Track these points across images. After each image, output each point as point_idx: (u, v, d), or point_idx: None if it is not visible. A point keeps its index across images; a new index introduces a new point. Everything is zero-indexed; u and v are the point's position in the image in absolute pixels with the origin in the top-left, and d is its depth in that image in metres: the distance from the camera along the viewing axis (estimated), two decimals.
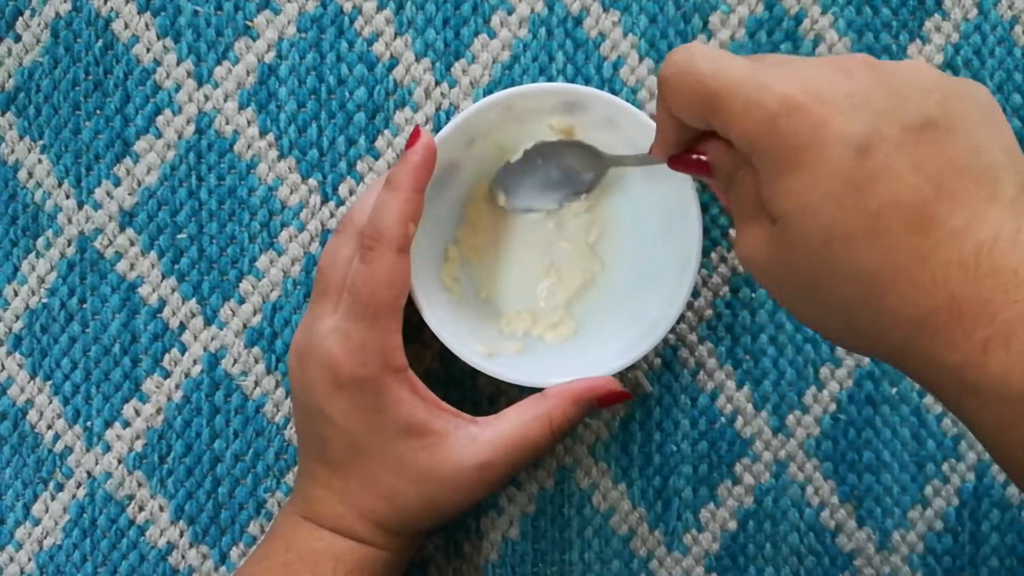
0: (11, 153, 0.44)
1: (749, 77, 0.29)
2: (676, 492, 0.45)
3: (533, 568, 0.45)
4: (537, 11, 0.44)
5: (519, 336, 0.42)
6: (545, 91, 0.40)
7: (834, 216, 0.28)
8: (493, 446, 0.38)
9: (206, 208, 0.44)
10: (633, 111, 0.39)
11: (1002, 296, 0.27)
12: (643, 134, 0.39)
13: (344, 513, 0.39)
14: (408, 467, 0.38)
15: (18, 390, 0.44)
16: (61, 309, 0.44)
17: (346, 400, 0.37)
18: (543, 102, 0.40)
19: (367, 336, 0.37)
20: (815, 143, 0.28)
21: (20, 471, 0.44)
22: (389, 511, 0.38)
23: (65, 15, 0.44)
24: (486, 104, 0.39)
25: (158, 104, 0.44)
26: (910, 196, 0.28)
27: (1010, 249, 0.27)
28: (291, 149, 0.44)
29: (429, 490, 0.38)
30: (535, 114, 0.40)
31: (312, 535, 0.39)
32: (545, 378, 0.40)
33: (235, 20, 0.44)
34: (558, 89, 0.40)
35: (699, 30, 0.44)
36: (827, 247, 0.28)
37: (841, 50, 0.44)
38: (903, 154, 0.28)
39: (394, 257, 0.37)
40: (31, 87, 0.44)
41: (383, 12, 0.44)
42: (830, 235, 0.28)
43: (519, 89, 0.40)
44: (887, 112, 0.28)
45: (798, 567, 0.45)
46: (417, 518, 0.39)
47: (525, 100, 0.40)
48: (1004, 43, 0.44)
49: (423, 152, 0.38)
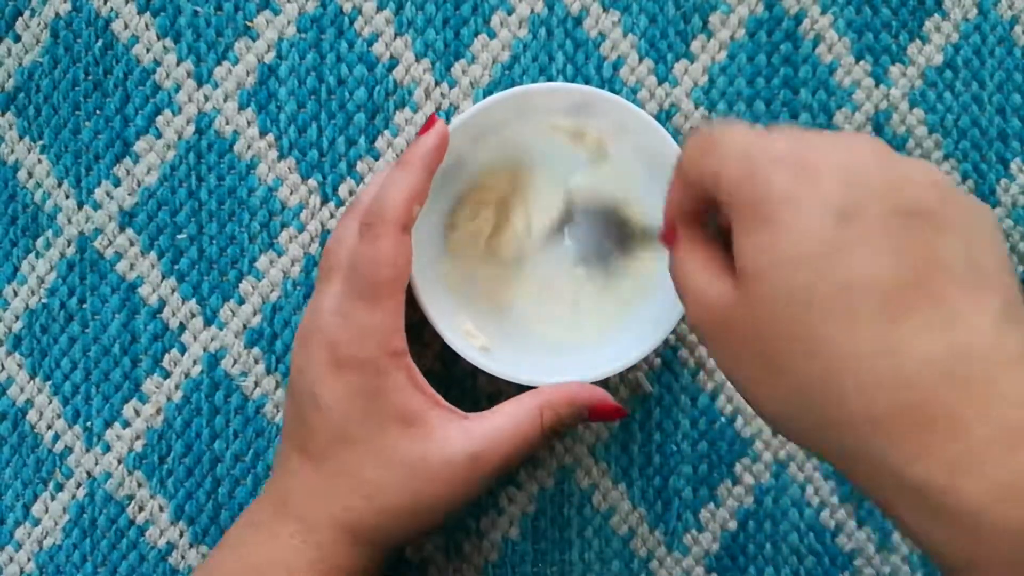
0: (11, 153, 0.44)
1: (750, 129, 0.29)
2: (676, 492, 0.45)
3: (533, 568, 0.45)
4: (537, 11, 0.44)
5: (518, 333, 0.42)
6: (557, 91, 0.40)
7: (803, 281, 0.26)
8: (485, 439, 0.37)
9: (206, 208, 0.44)
10: (645, 117, 0.39)
11: (974, 410, 0.25)
12: (653, 140, 0.39)
13: (315, 511, 0.37)
14: (396, 458, 0.36)
15: (18, 390, 0.44)
16: (61, 309, 0.44)
17: (342, 382, 0.36)
18: (554, 102, 0.40)
19: (367, 316, 0.36)
20: (795, 199, 0.27)
21: (20, 471, 0.44)
22: (366, 511, 0.37)
23: (65, 15, 0.44)
24: (496, 100, 0.39)
25: (158, 104, 0.44)
26: (885, 278, 0.26)
27: (987, 361, 0.25)
28: (291, 149, 0.44)
29: (415, 485, 0.36)
30: (546, 113, 0.40)
31: (267, 545, 0.37)
32: (544, 377, 0.40)
33: (235, 20, 0.44)
34: (570, 89, 0.40)
35: (699, 30, 0.44)
36: (791, 313, 0.27)
37: (841, 50, 0.44)
38: (886, 234, 0.26)
39: (396, 236, 0.36)
40: (31, 87, 0.44)
41: (383, 12, 0.44)
42: (796, 300, 0.26)
43: (531, 87, 0.40)
44: (880, 190, 0.27)
45: (798, 567, 0.45)
46: (394, 521, 0.37)
47: (536, 98, 0.40)
48: (1004, 43, 0.44)
49: (436, 137, 0.37)
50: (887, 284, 0.26)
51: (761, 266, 0.27)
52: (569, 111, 0.40)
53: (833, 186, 0.27)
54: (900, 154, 0.28)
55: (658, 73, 0.44)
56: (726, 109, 0.44)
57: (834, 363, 0.26)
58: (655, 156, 0.40)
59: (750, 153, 0.28)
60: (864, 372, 0.26)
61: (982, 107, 0.44)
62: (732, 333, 0.29)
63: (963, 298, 0.26)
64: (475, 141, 0.40)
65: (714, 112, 0.44)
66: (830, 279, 0.26)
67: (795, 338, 0.27)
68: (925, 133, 0.44)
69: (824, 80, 0.44)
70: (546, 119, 0.41)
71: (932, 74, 0.44)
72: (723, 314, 0.29)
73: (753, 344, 0.28)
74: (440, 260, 0.42)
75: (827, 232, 0.26)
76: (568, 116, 0.40)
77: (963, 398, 0.25)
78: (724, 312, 0.29)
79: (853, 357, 0.26)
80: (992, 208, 0.44)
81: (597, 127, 0.40)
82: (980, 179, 0.44)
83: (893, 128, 0.44)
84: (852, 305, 0.26)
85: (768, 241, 0.27)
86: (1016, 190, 0.44)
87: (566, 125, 0.41)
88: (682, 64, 0.44)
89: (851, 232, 0.26)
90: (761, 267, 0.27)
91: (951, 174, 0.44)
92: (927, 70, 0.44)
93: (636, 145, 0.40)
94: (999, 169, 0.44)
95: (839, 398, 0.26)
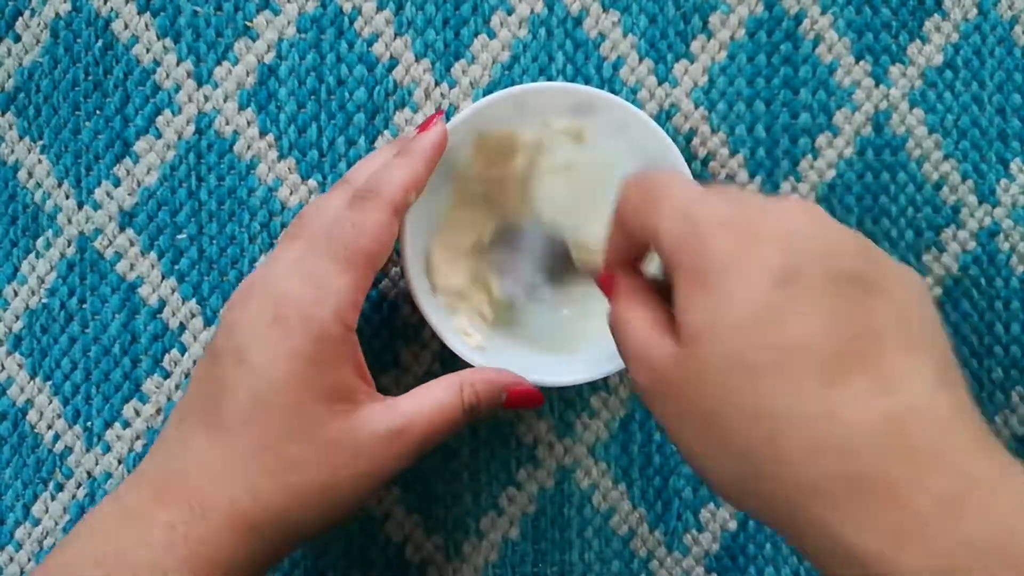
0: (11, 153, 0.44)
1: (690, 187, 0.29)
2: (676, 492, 0.45)
3: (533, 568, 0.45)
4: (537, 11, 0.44)
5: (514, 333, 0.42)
6: (558, 90, 0.40)
7: (743, 343, 0.27)
8: (407, 415, 0.35)
9: (206, 208, 0.44)
10: (645, 119, 0.39)
11: (914, 479, 0.25)
12: (653, 142, 0.39)
13: (212, 494, 0.33)
14: (318, 434, 0.34)
15: (18, 390, 0.44)
16: (61, 309, 0.44)
17: (281, 341, 0.34)
18: (555, 101, 0.40)
19: (333, 278, 0.35)
20: (736, 264, 0.27)
21: (20, 471, 0.44)
22: (274, 492, 0.34)
23: (65, 15, 0.44)
24: (498, 98, 0.39)
25: (158, 104, 0.44)
26: (822, 342, 0.26)
27: (923, 428, 0.25)
28: (291, 150, 0.44)
29: (336, 460, 0.34)
30: (546, 112, 0.40)
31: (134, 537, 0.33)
32: (540, 376, 0.40)
33: (235, 20, 0.44)
34: (571, 89, 0.40)
35: (699, 30, 0.44)
36: (735, 376, 0.27)
37: (841, 50, 0.44)
38: (824, 299, 0.27)
39: (386, 214, 0.36)
40: (31, 87, 0.44)
41: (383, 12, 0.44)
42: (737, 363, 0.27)
43: (532, 86, 0.40)
44: (819, 256, 0.27)
45: (798, 567, 0.45)
46: (301, 506, 0.34)
47: (538, 97, 0.40)
48: (1004, 43, 0.44)
49: (437, 135, 0.38)
50: (826, 348, 0.26)
51: (704, 329, 0.27)
52: (572, 111, 0.40)
53: (773, 251, 0.27)
54: (833, 220, 0.29)
55: (658, 73, 0.44)
56: (726, 109, 0.44)
57: (777, 426, 0.26)
58: (655, 158, 0.40)
59: (691, 214, 0.28)
60: (806, 437, 0.26)
61: (982, 107, 0.44)
62: (676, 396, 0.29)
63: (898, 363, 0.26)
64: (476, 139, 0.40)
65: (714, 112, 0.44)
66: (772, 343, 0.26)
67: (740, 401, 0.27)
68: (925, 133, 0.44)
69: (824, 80, 0.44)
70: (548, 118, 0.41)
71: (932, 74, 0.44)
72: (666, 376, 0.29)
73: (697, 408, 0.28)
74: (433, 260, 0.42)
75: (768, 297, 0.27)
76: (570, 117, 0.40)
77: (902, 467, 0.25)
78: (667, 374, 0.29)
79: (795, 420, 0.26)
80: (992, 208, 0.44)
81: (597, 127, 0.40)
82: (980, 179, 0.44)
83: (893, 128, 0.44)
84: (793, 368, 0.26)
85: (711, 305, 0.27)
86: (1016, 190, 0.44)
87: (566, 127, 0.41)
88: (682, 64, 0.44)
89: (791, 297, 0.27)
90: (704, 330, 0.27)
91: (951, 174, 0.44)
92: (927, 70, 0.44)
93: (636, 146, 0.40)
94: (999, 169, 0.44)
95: (783, 463, 0.26)
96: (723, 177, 0.44)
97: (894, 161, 0.44)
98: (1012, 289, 0.44)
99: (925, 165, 0.44)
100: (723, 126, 0.44)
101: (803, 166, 0.44)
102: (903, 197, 0.44)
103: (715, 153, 0.44)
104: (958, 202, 0.44)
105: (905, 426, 0.25)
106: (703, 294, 0.28)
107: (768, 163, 0.44)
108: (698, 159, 0.44)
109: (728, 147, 0.44)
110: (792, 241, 0.27)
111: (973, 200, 0.44)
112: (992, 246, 0.44)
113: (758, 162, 0.44)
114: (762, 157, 0.44)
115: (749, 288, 0.27)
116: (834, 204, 0.44)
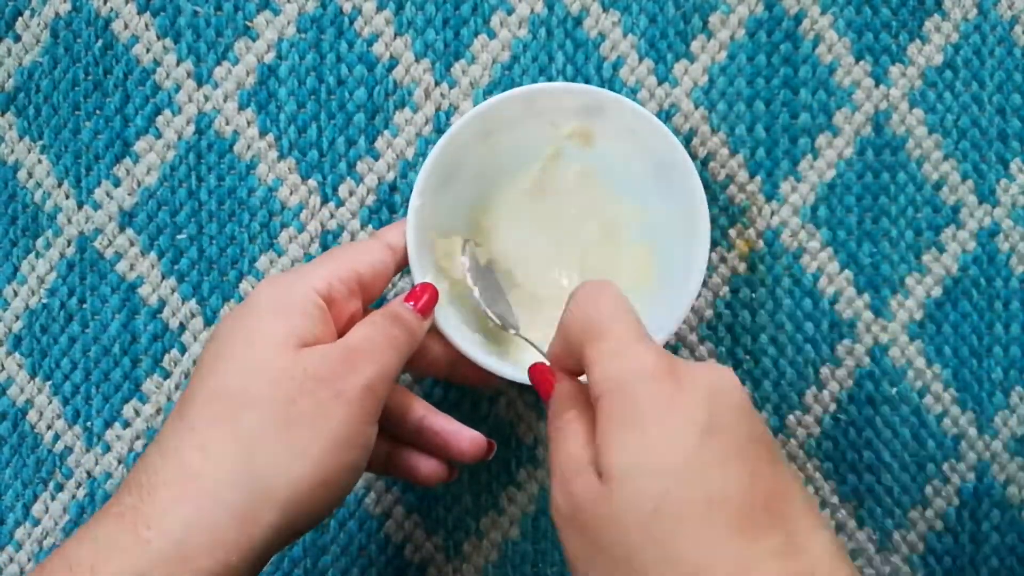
0: (11, 153, 0.44)
1: (639, 330, 0.30)
2: None
3: (533, 568, 0.45)
4: (537, 11, 0.44)
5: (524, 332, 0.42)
6: (568, 91, 0.40)
7: (667, 487, 0.27)
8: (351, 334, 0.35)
9: (206, 209, 0.44)
10: (654, 121, 0.39)
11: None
12: (661, 145, 0.39)
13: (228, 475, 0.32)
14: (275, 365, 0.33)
15: (18, 390, 0.44)
16: (61, 309, 0.44)
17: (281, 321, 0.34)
18: (565, 102, 0.40)
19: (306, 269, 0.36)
20: (666, 415, 0.28)
21: (20, 471, 0.44)
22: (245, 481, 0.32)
23: (65, 15, 0.44)
24: (507, 97, 0.39)
25: (158, 104, 0.44)
26: (741, 496, 0.27)
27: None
28: (291, 150, 0.44)
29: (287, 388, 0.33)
30: (555, 113, 0.40)
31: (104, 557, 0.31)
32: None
33: (235, 20, 0.44)
34: (581, 90, 0.40)
35: (699, 30, 0.44)
36: (654, 520, 0.27)
37: (841, 50, 0.44)
38: (744, 457, 0.28)
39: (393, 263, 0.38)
40: (31, 87, 0.44)
41: (383, 12, 0.44)
42: (659, 506, 0.27)
43: (542, 86, 0.40)
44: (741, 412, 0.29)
45: None
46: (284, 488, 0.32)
47: (547, 98, 0.40)
48: (1004, 43, 0.44)
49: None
50: (742, 504, 0.27)
51: (626, 471, 0.28)
52: (581, 113, 0.40)
53: (698, 404, 0.28)
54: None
55: (658, 73, 0.44)
56: (726, 109, 0.44)
57: (693, 573, 0.27)
58: (663, 160, 0.40)
59: (624, 364, 0.29)
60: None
61: (982, 107, 0.44)
62: (592, 534, 0.29)
63: (804, 523, 0.28)
64: (485, 137, 0.40)
65: (714, 112, 0.44)
66: (693, 491, 0.27)
67: (656, 545, 0.27)
68: (925, 133, 0.44)
69: (824, 80, 0.44)
70: (557, 119, 0.40)
71: (932, 74, 0.44)
72: (584, 508, 0.29)
73: (610, 553, 0.28)
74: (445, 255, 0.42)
75: (692, 447, 0.28)
76: (579, 119, 0.40)
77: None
78: (585, 507, 0.29)
79: (710, 570, 0.27)
80: (992, 208, 0.44)
81: (606, 130, 0.40)
82: (980, 179, 0.44)
83: (893, 128, 0.44)
84: (711, 519, 0.27)
85: (634, 448, 0.28)
86: (1016, 190, 0.44)
87: (574, 127, 0.41)
88: (682, 64, 0.44)
89: (714, 451, 0.28)
90: (626, 472, 0.28)
91: (951, 174, 0.44)
92: (927, 70, 0.44)
93: (644, 148, 0.40)
94: (999, 169, 0.44)
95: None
96: (723, 177, 0.44)
97: (894, 161, 0.44)
98: (1012, 289, 0.44)
99: (925, 165, 0.44)
100: (723, 126, 0.44)
101: (803, 166, 0.44)
102: (903, 197, 0.44)
103: (715, 153, 0.44)
104: (958, 202, 0.44)
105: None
106: (630, 438, 0.28)
107: (768, 163, 0.44)
108: (698, 159, 0.44)
109: (728, 147, 0.44)
110: (718, 395, 0.29)
111: (973, 200, 0.44)
112: (992, 246, 0.44)
113: (758, 162, 0.44)
114: (762, 157, 0.44)
115: (675, 438, 0.28)
116: (834, 204, 0.44)
